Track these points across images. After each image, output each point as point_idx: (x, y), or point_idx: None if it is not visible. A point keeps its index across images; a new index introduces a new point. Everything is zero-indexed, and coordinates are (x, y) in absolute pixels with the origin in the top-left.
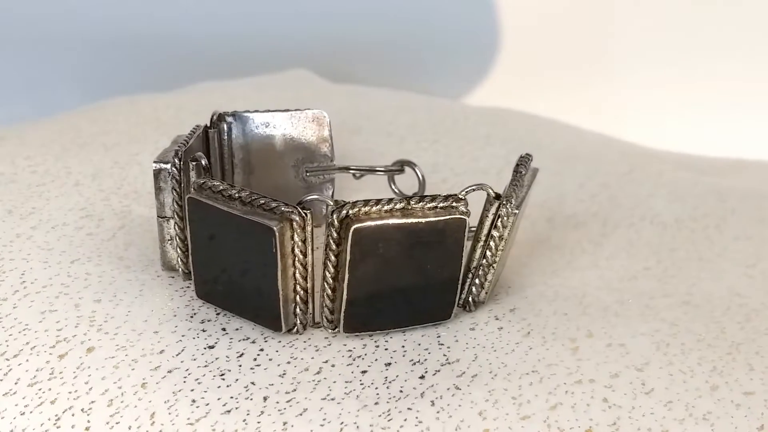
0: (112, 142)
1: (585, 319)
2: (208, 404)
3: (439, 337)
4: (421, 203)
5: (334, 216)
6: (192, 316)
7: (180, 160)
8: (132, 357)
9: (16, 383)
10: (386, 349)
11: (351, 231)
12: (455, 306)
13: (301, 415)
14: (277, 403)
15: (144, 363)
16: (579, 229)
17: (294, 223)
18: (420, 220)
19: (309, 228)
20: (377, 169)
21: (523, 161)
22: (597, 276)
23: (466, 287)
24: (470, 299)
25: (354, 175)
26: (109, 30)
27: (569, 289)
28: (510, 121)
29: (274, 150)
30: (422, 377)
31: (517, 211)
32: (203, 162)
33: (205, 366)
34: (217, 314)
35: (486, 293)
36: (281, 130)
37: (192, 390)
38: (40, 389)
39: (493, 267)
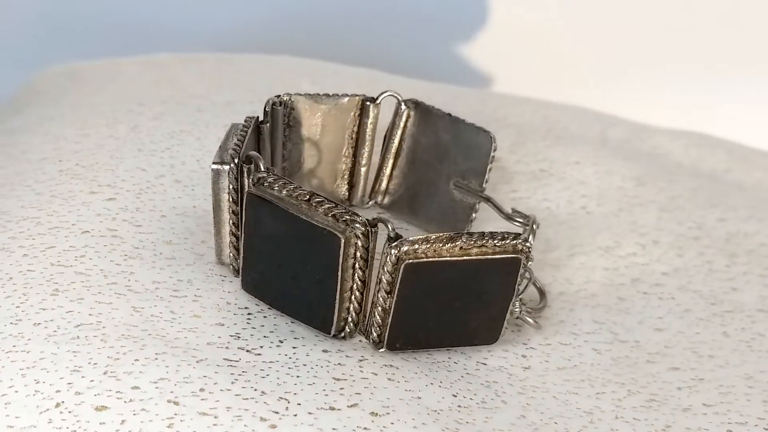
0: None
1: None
2: (77, 294)
3: (301, 340)
4: (323, 207)
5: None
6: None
7: (280, 105)
8: (93, 254)
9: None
10: (253, 327)
11: (245, 199)
12: (334, 323)
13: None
14: (119, 292)
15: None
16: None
17: (230, 183)
18: (303, 217)
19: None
20: (516, 220)
21: (492, 235)
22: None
23: (367, 319)
24: (370, 338)
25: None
26: None
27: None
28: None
29: (438, 152)
30: (231, 361)
31: (407, 260)
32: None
33: (124, 275)
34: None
35: (386, 336)
36: (452, 136)
37: (81, 283)
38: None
39: (389, 314)
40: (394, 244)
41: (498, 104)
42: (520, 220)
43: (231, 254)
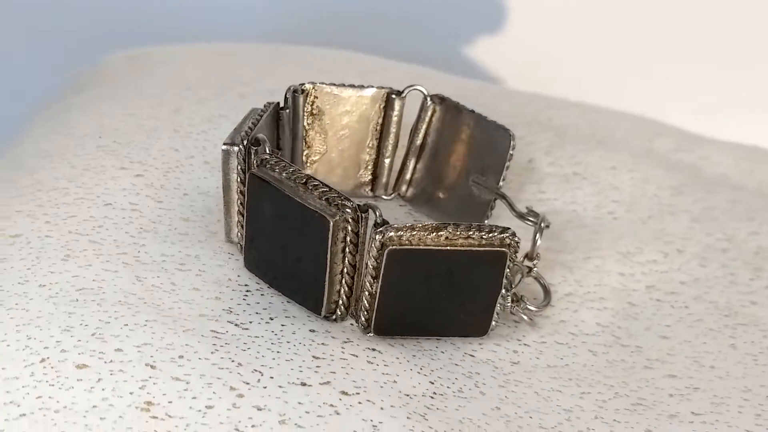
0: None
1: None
2: (86, 261)
3: (291, 319)
4: (318, 191)
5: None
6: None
7: (301, 93)
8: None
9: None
10: (248, 304)
11: (247, 178)
12: (324, 305)
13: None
14: (125, 250)
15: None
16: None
17: (239, 164)
18: (296, 198)
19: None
20: (527, 218)
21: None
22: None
23: (357, 303)
24: (359, 322)
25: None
26: None
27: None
28: None
29: (461, 147)
30: (217, 333)
31: (391, 246)
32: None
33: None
34: None
35: (372, 320)
36: (474, 132)
37: (92, 251)
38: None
39: (375, 299)
40: (379, 230)
41: (545, 106)
42: (532, 219)
43: (239, 233)
